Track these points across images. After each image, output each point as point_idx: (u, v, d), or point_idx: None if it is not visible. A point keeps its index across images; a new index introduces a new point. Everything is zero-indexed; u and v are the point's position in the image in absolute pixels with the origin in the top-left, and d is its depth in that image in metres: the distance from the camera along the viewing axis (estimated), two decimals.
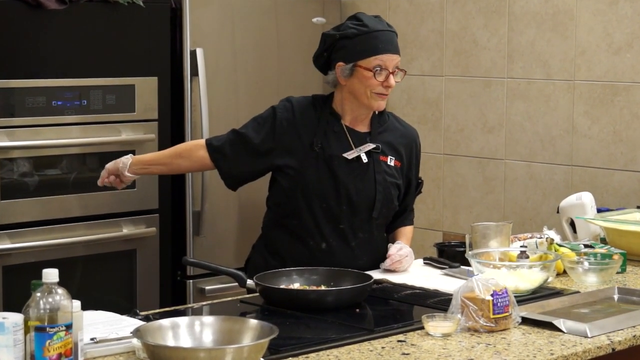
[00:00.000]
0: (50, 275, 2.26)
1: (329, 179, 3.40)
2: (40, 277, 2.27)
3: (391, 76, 3.39)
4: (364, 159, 3.43)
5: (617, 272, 3.41)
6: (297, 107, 3.46)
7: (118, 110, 4.34)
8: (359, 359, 2.49)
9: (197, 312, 3.01)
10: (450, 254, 3.52)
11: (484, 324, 2.69)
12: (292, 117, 3.43)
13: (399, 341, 2.63)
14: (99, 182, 3.56)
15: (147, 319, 2.69)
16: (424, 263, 3.50)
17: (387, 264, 3.38)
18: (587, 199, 3.89)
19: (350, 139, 3.44)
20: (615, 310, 3.05)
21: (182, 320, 2.46)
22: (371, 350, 2.55)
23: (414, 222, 3.68)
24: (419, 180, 3.64)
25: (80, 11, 4.21)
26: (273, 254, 3.45)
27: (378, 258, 3.45)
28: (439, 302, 2.96)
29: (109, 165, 3.55)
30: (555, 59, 4.60)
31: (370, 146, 3.44)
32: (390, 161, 3.49)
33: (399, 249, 3.41)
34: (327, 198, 3.40)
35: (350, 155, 3.41)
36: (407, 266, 3.40)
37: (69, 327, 2.27)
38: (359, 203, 3.43)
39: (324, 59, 3.47)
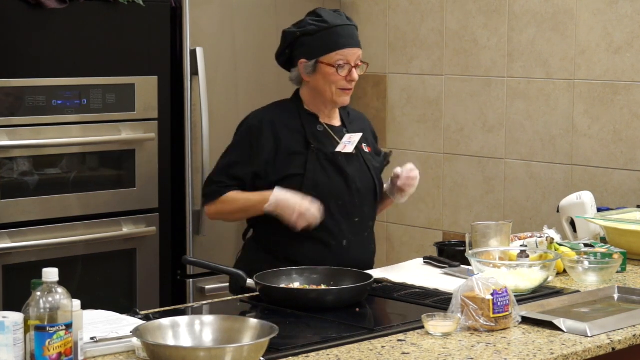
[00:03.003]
0: (50, 274, 2.26)
1: (338, 176, 3.44)
2: (40, 276, 2.27)
3: (354, 70, 3.43)
4: (353, 150, 3.48)
5: (617, 272, 3.41)
6: (270, 116, 3.47)
7: (118, 109, 4.34)
8: (359, 358, 2.49)
9: (197, 311, 3.01)
10: (451, 254, 3.52)
11: (484, 323, 2.69)
12: (271, 127, 3.44)
13: (399, 340, 2.63)
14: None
15: (147, 318, 2.69)
16: (424, 262, 3.50)
17: (401, 181, 3.49)
18: (587, 198, 3.89)
19: (333, 134, 3.47)
20: (616, 309, 3.05)
21: (182, 320, 2.46)
22: (371, 350, 2.55)
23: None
24: (386, 152, 3.72)
25: (80, 10, 4.20)
26: (285, 262, 3.36)
27: (375, 241, 3.62)
28: (439, 302, 2.96)
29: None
30: (555, 58, 4.60)
31: (358, 136, 3.49)
32: (366, 148, 3.57)
33: (412, 169, 3.51)
34: (342, 195, 3.44)
35: (346, 149, 3.44)
36: (413, 189, 3.54)
37: (69, 326, 2.27)
38: (365, 193, 3.50)
39: (286, 57, 3.50)
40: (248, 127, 3.47)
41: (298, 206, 3.32)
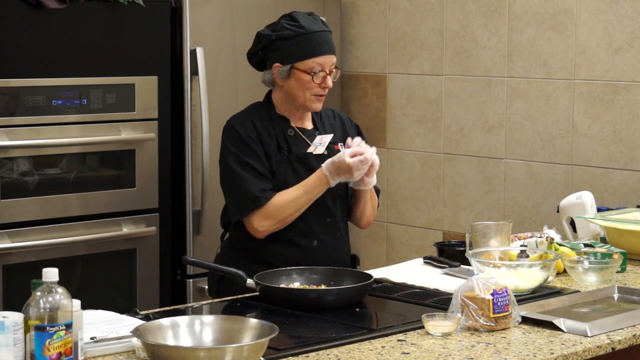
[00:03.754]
0: (50, 274, 2.26)
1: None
2: (40, 276, 2.27)
3: (328, 77, 3.42)
4: (325, 151, 3.45)
5: (617, 272, 3.41)
6: (249, 119, 3.45)
7: (118, 109, 4.34)
8: (359, 358, 2.49)
9: (197, 311, 3.00)
10: (451, 253, 3.52)
11: (484, 323, 2.69)
12: (254, 129, 3.42)
13: (399, 340, 2.63)
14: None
15: (147, 318, 2.69)
16: (424, 262, 3.50)
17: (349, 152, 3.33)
18: (587, 198, 3.89)
19: (304, 137, 3.47)
20: (615, 309, 3.05)
21: (182, 320, 2.46)
22: (371, 350, 2.55)
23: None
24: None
25: (80, 10, 4.21)
26: (258, 263, 3.36)
27: (349, 241, 3.59)
28: (439, 302, 2.96)
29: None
30: (555, 58, 4.60)
31: (328, 137, 3.46)
32: (341, 147, 3.51)
33: (358, 143, 3.38)
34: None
35: (317, 151, 3.43)
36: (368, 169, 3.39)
37: (69, 326, 2.27)
38: (337, 194, 3.47)
39: (259, 58, 3.48)
40: (234, 131, 3.42)
41: (348, 163, 3.28)
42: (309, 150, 3.44)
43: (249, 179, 3.35)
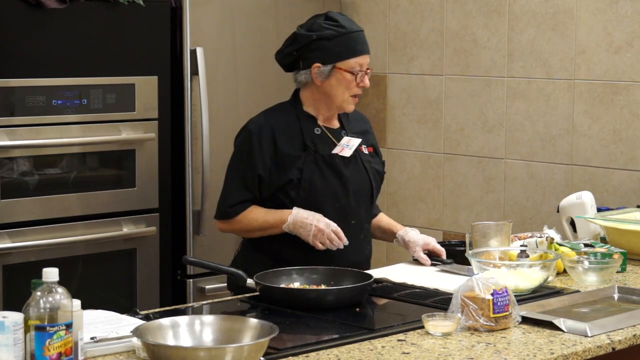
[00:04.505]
0: (51, 274, 2.26)
1: (335, 178, 3.44)
2: (40, 276, 2.27)
3: (366, 76, 3.43)
4: (349, 153, 3.48)
5: (617, 272, 3.41)
6: (268, 122, 3.45)
7: (118, 109, 4.34)
8: (359, 358, 2.49)
9: (197, 311, 3.01)
10: (451, 253, 3.52)
11: (484, 323, 2.69)
12: (270, 136, 3.43)
13: (399, 340, 2.63)
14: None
15: (147, 318, 2.69)
16: (413, 260, 3.51)
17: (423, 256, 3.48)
18: (587, 198, 3.89)
19: (330, 136, 3.47)
20: (616, 309, 3.05)
21: (182, 320, 2.46)
22: (371, 350, 2.55)
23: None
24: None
25: (80, 10, 4.21)
26: (279, 262, 3.35)
27: (371, 242, 3.61)
28: (439, 301, 2.96)
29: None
30: (555, 58, 4.60)
31: (357, 141, 3.49)
32: (366, 149, 3.57)
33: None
34: (338, 197, 3.44)
35: (344, 152, 3.44)
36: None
37: (69, 326, 2.27)
38: (362, 195, 3.50)
39: (293, 58, 3.47)
40: (248, 134, 3.45)
41: (318, 225, 3.33)
42: (335, 150, 3.45)
43: (231, 189, 3.46)
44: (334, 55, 3.40)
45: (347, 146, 3.46)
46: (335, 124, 3.54)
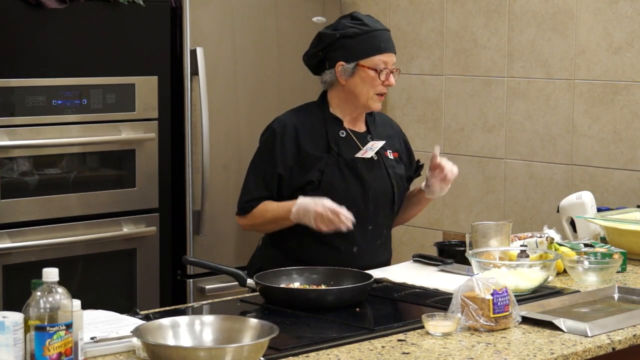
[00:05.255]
0: (51, 274, 2.26)
1: (356, 182, 3.44)
2: (40, 276, 2.27)
3: (391, 75, 3.42)
4: (375, 156, 3.47)
5: (617, 272, 3.41)
6: (293, 121, 3.45)
7: (118, 109, 4.34)
8: (359, 358, 2.49)
9: (197, 311, 3.00)
10: (451, 253, 3.52)
11: (484, 323, 2.69)
12: (293, 136, 3.42)
13: (399, 340, 2.63)
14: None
15: (147, 318, 2.69)
16: (413, 261, 3.51)
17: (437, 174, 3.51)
18: (587, 198, 3.89)
19: (356, 140, 3.47)
20: (616, 309, 3.05)
21: (182, 320, 2.46)
22: (371, 350, 2.55)
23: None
24: (419, 164, 3.73)
25: (80, 10, 4.20)
26: (296, 262, 3.35)
27: (391, 248, 3.61)
28: (439, 302, 2.96)
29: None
30: (555, 58, 4.60)
31: (380, 143, 3.48)
32: (391, 154, 3.56)
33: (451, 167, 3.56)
34: (357, 201, 3.44)
35: (366, 155, 3.44)
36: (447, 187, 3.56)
37: (69, 326, 2.27)
38: (382, 201, 3.50)
39: (319, 59, 3.48)
40: (272, 133, 3.45)
41: (316, 209, 3.30)
42: (359, 154, 3.45)
43: (250, 185, 3.46)
44: (357, 52, 3.40)
45: (371, 149, 3.46)
46: (362, 127, 3.53)
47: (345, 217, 3.29)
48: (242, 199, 3.48)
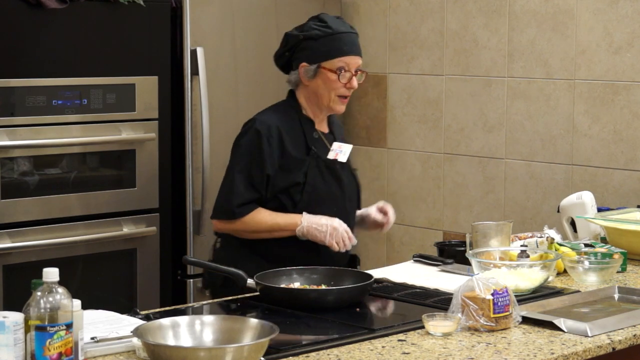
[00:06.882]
0: (51, 274, 2.26)
1: (335, 184, 3.48)
2: (40, 276, 2.27)
3: (354, 78, 3.44)
4: (344, 159, 3.52)
5: (618, 272, 3.41)
6: (275, 122, 3.44)
7: (118, 109, 4.35)
8: (359, 358, 2.49)
9: (198, 311, 3.00)
10: (451, 253, 3.52)
11: (485, 323, 2.69)
12: (277, 137, 3.42)
13: (399, 340, 2.63)
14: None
15: (147, 318, 2.69)
16: (414, 261, 3.51)
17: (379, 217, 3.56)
18: (587, 198, 3.89)
19: (325, 141, 3.50)
20: (616, 309, 3.05)
21: (183, 320, 2.46)
22: (371, 350, 2.55)
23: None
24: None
25: (80, 10, 4.21)
26: (273, 262, 3.34)
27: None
28: (439, 302, 2.96)
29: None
30: (555, 58, 4.60)
31: (349, 147, 3.53)
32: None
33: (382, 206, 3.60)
34: (337, 201, 3.47)
35: (339, 157, 3.49)
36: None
37: (69, 326, 2.27)
38: (353, 202, 3.56)
39: (286, 59, 3.51)
40: (256, 134, 3.42)
41: (333, 224, 3.35)
42: (330, 155, 3.48)
43: (238, 188, 3.40)
44: (319, 55, 3.43)
45: (341, 151, 3.49)
46: (326, 129, 3.57)
47: (352, 239, 3.38)
48: (232, 203, 3.39)
